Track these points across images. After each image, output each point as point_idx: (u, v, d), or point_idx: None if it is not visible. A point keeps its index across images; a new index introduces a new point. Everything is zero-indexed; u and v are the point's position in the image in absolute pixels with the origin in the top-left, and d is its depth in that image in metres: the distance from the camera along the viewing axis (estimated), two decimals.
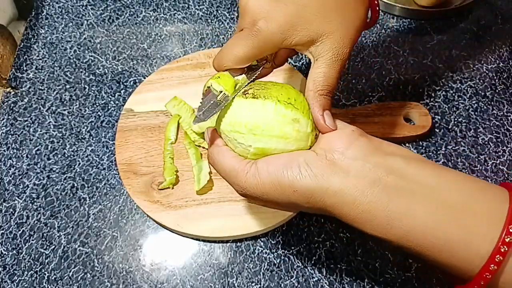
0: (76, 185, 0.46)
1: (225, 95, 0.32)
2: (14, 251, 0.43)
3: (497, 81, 0.53)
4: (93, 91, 0.53)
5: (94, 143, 0.49)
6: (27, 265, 0.42)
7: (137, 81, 0.54)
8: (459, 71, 0.54)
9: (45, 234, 0.44)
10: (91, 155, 0.48)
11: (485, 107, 0.51)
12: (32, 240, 0.43)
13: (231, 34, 0.58)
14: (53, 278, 0.41)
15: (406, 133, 0.47)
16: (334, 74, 0.32)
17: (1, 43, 0.54)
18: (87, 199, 0.46)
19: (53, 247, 0.43)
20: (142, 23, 0.60)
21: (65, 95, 0.53)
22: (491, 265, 0.24)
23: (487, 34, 0.58)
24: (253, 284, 0.41)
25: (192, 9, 0.61)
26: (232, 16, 0.60)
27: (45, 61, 0.56)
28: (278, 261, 0.42)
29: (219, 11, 0.61)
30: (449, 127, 0.50)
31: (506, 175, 0.46)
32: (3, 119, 0.51)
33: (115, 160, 0.47)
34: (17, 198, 0.46)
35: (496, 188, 0.27)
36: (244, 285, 0.41)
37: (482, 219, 0.25)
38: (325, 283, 0.41)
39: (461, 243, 0.25)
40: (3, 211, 0.45)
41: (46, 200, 0.46)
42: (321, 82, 0.32)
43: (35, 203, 0.45)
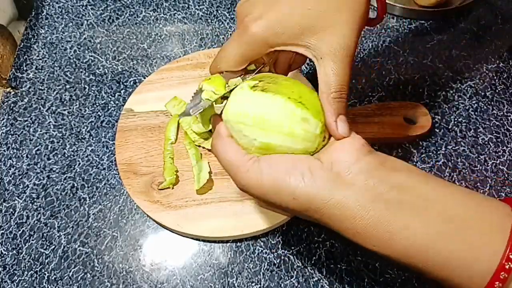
0: (76, 185, 0.46)
1: (215, 93, 0.32)
2: (14, 251, 0.43)
3: (497, 81, 0.53)
4: (93, 91, 0.53)
5: (94, 143, 0.49)
6: (27, 265, 0.42)
7: (137, 81, 0.54)
8: (459, 71, 0.54)
9: (45, 234, 0.44)
10: (91, 155, 0.48)
11: (485, 107, 0.51)
12: (32, 240, 0.43)
13: (231, 34, 0.58)
14: (53, 278, 0.41)
15: (406, 133, 0.47)
16: (344, 70, 0.31)
17: (1, 43, 0.54)
18: (87, 199, 0.46)
19: (53, 247, 0.43)
20: (142, 23, 0.60)
21: (65, 95, 0.53)
22: (496, 283, 0.23)
23: (487, 34, 0.58)
24: (253, 284, 0.41)
25: (192, 9, 0.61)
26: (232, 16, 0.60)
27: (45, 61, 0.56)
28: (278, 261, 0.42)
29: (219, 11, 0.61)
30: (449, 127, 0.50)
31: (506, 175, 0.46)
32: (3, 119, 0.51)
33: (115, 160, 0.47)
34: (17, 198, 0.46)
35: (499, 203, 0.27)
36: (244, 285, 0.41)
37: (485, 234, 0.25)
38: (325, 283, 0.41)
39: (463, 259, 0.24)
40: (3, 211, 0.45)
41: (46, 200, 0.46)
42: (332, 82, 0.30)
43: (35, 203, 0.45)
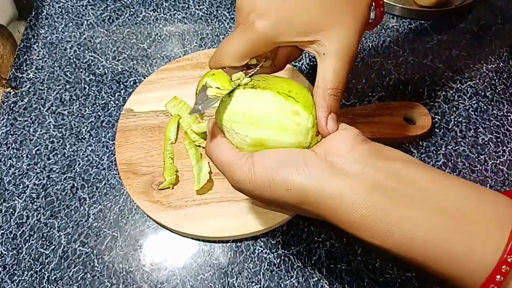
0: (76, 185, 0.46)
1: (221, 90, 0.31)
2: (14, 251, 0.43)
3: (497, 81, 0.53)
4: (93, 91, 0.53)
5: (94, 143, 0.49)
6: (27, 265, 0.42)
7: (137, 81, 0.54)
8: (459, 71, 0.54)
9: (45, 234, 0.44)
10: (91, 155, 0.48)
11: (485, 107, 0.51)
12: (32, 240, 0.43)
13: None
14: (53, 278, 0.41)
15: (406, 133, 0.47)
16: (344, 69, 0.31)
17: (1, 43, 0.54)
18: (87, 199, 0.46)
19: (53, 247, 0.43)
20: (142, 23, 0.60)
21: (65, 95, 0.53)
22: (497, 276, 0.23)
23: (487, 34, 0.58)
24: (253, 284, 0.41)
25: (192, 9, 0.61)
26: (232, 16, 0.60)
27: (45, 61, 0.56)
28: (278, 261, 0.42)
29: (219, 11, 0.61)
30: (449, 127, 0.50)
31: (506, 175, 0.46)
32: (3, 119, 0.51)
33: (115, 160, 0.47)
34: (17, 198, 0.46)
35: (499, 195, 0.26)
36: (244, 285, 0.41)
37: (486, 228, 0.24)
38: (325, 283, 0.41)
39: (463, 252, 0.24)
40: (3, 211, 0.45)
41: (46, 200, 0.46)
42: (331, 78, 0.30)
43: (35, 203, 0.45)
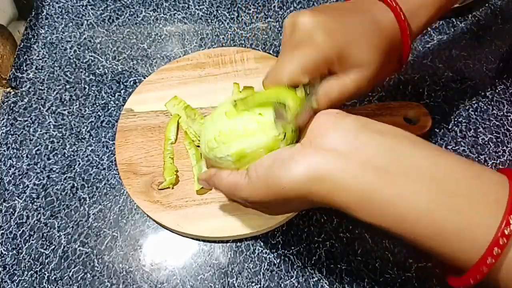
0: (76, 185, 0.46)
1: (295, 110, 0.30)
2: (14, 251, 0.43)
3: (497, 81, 0.53)
4: (93, 91, 0.53)
5: (94, 143, 0.49)
6: (27, 265, 0.42)
7: (137, 81, 0.54)
8: (459, 71, 0.54)
9: (45, 234, 0.44)
10: (91, 155, 0.48)
11: (485, 107, 0.51)
12: (32, 240, 0.43)
13: (231, 34, 0.58)
14: (53, 278, 0.41)
15: None
16: (339, 101, 0.32)
17: (1, 43, 0.54)
18: (87, 199, 0.46)
19: (53, 247, 0.43)
20: (142, 23, 0.60)
21: (65, 95, 0.53)
22: (488, 258, 0.22)
23: (487, 34, 0.58)
24: (253, 284, 0.41)
25: (192, 9, 0.61)
26: (232, 16, 0.60)
27: (45, 61, 0.56)
28: (278, 261, 0.42)
29: (219, 11, 0.61)
30: (449, 127, 0.50)
31: None
32: (3, 119, 0.51)
33: (115, 160, 0.47)
34: (17, 198, 0.46)
35: (494, 173, 0.25)
36: (244, 285, 0.41)
37: (480, 206, 0.24)
38: (325, 283, 0.41)
39: (456, 230, 0.23)
40: (3, 211, 0.45)
41: (46, 200, 0.46)
42: (333, 97, 0.32)
43: (35, 203, 0.45)
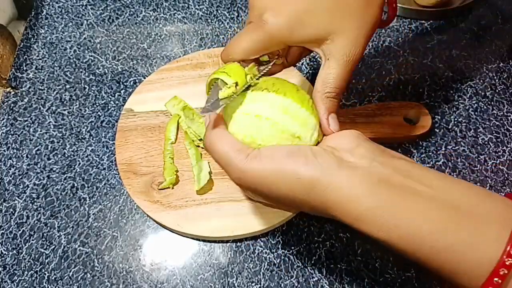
0: (76, 185, 0.46)
1: (234, 89, 0.31)
2: (14, 251, 0.43)
3: (497, 81, 0.53)
4: (93, 91, 0.53)
5: (94, 143, 0.49)
6: (27, 265, 0.42)
7: (137, 81, 0.54)
8: (459, 71, 0.54)
9: (45, 234, 0.44)
10: (91, 155, 0.48)
11: (485, 107, 0.51)
12: (32, 240, 0.43)
13: (231, 34, 0.58)
14: (53, 278, 0.41)
15: (406, 133, 0.47)
16: (344, 75, 0.32)
17: (1, 43, 0.54)
18: (87, 199, 0.46)
19: (53, 247, 0.43)
20: (142, 23, 0.60)
21: (65, 95, 0.53)
22: (495, 279, 0.23)
23: (487, 34, 0.58)
24: (253, 284, 0.41)
25: (192, 9, 0.61)
26: (232, 16, 0.60)
27: (45, 61, 0.56)
28: (278, 261, 0.42)
29: (219, 11, 0.61)
30: (449, 127, 0.50)
31: (506, 175, 0.46)
32: (3, 119, 0.51)
33: (115, 160, 0.47)
34: (17, 198, 0.46)
35: (500, 196, 0.26)
36: (244, 285, 0.41)
37: (488, 227, 0.24)
38: (325, 283, 0.41)
39: (466, 248, 0.24)
40: (3, 211, 0.45)
41: (46, 200, 0.46)
42: (330, 84, 0.31)
43: (35, 203, 0.45)
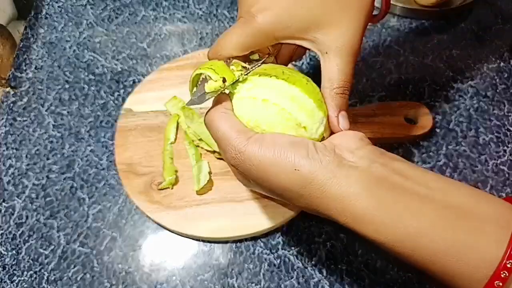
0: (75, 185, 0.46)
1: (221, 83, 0.30)
2: (14, 251, 0.43)
3: (497, 80, 0.53)
4: (92, 90, 0.53)
5: (93, 143, 0.49)
6: (26, 265, 0.42)
7: (136, 80, 0.54)
8: (460, 70, 0.54)
9: (44, 234, 0.43)
10: (90, 155, 0.48)
11: (486, 107, 0.51)
12: (32, 240, 0.43)
13: None
14: (52, 279, 0.41)
15: (407, 133, 0.47)
16: (348, 67, 0.31)
17: (0, 43, 0.54)
18: (87, 199, 0.45)
19: (53, 247, 0.43)
20: (142, 22, 0.60)
21: (64, 95, 0.53)
22: (496, 282, 0.23)
23: (487, 34, 0.58)
24: (253, 285, 0.41)
25: (192, 8, 0.61)
26: (232, 16, 0.60)
27: (45, 60, 0.56)
28: (278, 261, 0.42)
29: (219, 11, 0.61)
30: (450, 127, 0.50)
31: (507, 175, 0.46)
32: (2, 119, 0.51)
33: (114, 160, 0.47)
34: (16, 198, 0.46)
35: (499, 199, 0.27)
36: (244, 285, 0.41)
37: (489, 226, 0.24)
38: (326, 283, 0.40)
39: (467, 248, 0.24)
40: (3, 211, 0.45)
41: (45, 200, 0.45)
42: (336, 78, 0.31)
43: (35, 203, 0.45)
